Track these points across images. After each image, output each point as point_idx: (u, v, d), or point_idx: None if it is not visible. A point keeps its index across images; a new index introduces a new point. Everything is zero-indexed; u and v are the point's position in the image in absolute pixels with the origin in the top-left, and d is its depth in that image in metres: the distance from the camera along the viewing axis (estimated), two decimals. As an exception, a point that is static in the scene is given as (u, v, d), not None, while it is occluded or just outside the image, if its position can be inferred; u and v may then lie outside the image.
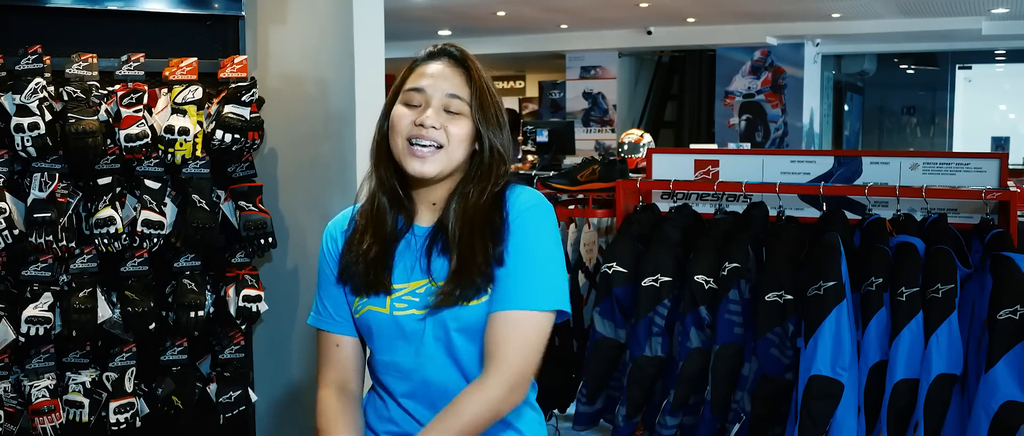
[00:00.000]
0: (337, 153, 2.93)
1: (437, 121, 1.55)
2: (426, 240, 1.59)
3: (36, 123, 2.41)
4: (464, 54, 1.60)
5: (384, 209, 1.61)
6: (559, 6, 9.14)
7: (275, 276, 3.03)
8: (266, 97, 2.84)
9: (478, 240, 1.54)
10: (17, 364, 2.57)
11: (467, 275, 1.52)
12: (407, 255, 1.59)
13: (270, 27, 3.04)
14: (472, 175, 1.59)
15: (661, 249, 3.10)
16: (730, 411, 2.96)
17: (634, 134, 6.04)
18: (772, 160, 3.43)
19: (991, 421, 2.56)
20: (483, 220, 1.56)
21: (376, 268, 1.57)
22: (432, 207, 1.62)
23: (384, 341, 1.59)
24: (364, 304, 1.59)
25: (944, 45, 11.35)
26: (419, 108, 1.56)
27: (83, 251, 2.57)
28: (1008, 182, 3.10)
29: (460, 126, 1.56)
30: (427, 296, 1.56)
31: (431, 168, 1.55)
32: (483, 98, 1.57)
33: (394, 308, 1.56)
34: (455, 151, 1.56)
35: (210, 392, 2.76)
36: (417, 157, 1.55)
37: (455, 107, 1.56)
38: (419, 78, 1.58)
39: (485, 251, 1.54)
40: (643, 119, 12.07)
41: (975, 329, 2.71)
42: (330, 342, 1.66)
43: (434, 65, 1.59)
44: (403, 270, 1.59)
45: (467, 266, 1.53)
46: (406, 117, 1.56)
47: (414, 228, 1.62)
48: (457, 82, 1.57)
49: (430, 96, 1.56)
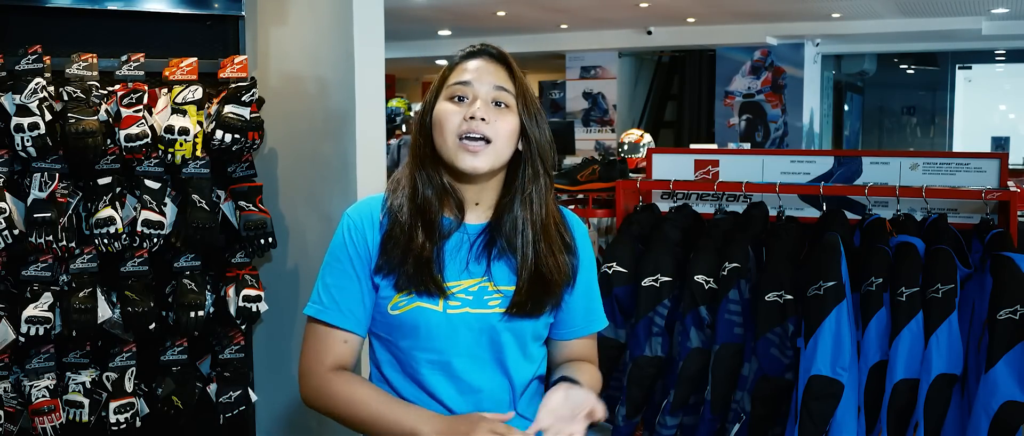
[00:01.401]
0: (337, 153, 2.93)
1: (487, 114, 1.52)
2: (481, 239, 1.58)
3: (36, 123, 2.41)
4: (503, 52, 1.60)
5: (433, 206, 1.57)
6: (559, 6, 9.14)
7: (275, 276, 3.03)
8: (266, 97, 2.84)
9: (559, 255, 1.59)
10: (17, 364, 2.57)
11: (547, 290, 1.57)
12: (459, 254, 1.57)
13: (270, 27, 3.04)
14: (525, 175, 1.58)
15: (661, 249, 3.10)
16: (730, 411, 2.96)
17: (634, 134, 6.04)
18: (772, 160, 3.43)
19: (991, 421, 2.56)
20: (557, 235, 1.60)
21: (429, 267, 1.53)
22: (475, 207, 1.60)
23: (432, 340, 1.55)
24: (411, 301, 1.54)
25: (944, 45, 11.35)
26: (467, 101, 1.54)
27: (83, 251, 2.57)
28: (1008, 182, 3.10)
29: (507, 121, 1.54)
30: (483, 296, 1.55)
31: (483, 163, 1.52)
32: (526, 94, 1.57)
33: (448, 307, 1.54)
34: (503, 146, 1.54)
35: (210, 392, 2.76)
36: (470, 152, 1.51)
37: (503, 99, 1.54)
38: (463, 73, 1.56)
39: (566, 267, 1.59)
40: (643, 119, 12.07)
41: (975, 329, 2.71)
42: (336, 338, 1.59)
43: (475, 61, 1.57)
44: (456, 268, 1.56)
45: (547, 282, 1.57)
46: (454, 113, 1.53)
47: (466, 226, 1.59)
48: (502, 76, 1.56)
49: (477, 89, 1.54)
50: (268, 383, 3.06)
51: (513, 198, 1.58)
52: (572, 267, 1.61)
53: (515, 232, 1.56)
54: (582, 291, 1.64)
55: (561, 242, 1.60)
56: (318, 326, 1.61)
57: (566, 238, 1.61)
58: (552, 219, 1.60)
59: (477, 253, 1.57)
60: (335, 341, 1.59)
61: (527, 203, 1.57)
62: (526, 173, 1.57)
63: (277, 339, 3.09)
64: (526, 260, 1.55)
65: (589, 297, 1.67)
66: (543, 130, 1.58)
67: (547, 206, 1.59)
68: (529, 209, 1.57)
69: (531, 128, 1.56)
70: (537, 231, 1.56)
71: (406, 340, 1.57)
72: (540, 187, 1.58)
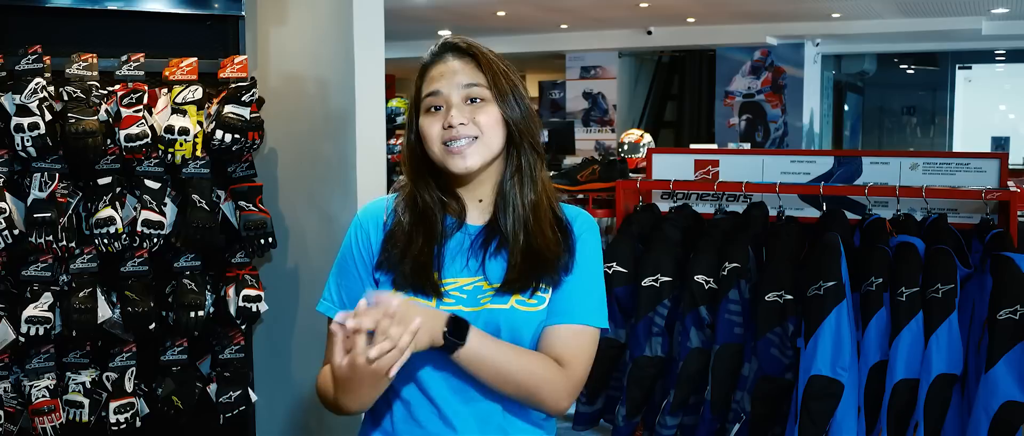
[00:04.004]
0: (337, 153, 2.93)
1: (463, 116, 1.53)
2: (480, 238, 1.59)
3: (36, 123, 2.41)
4: (468, 43, 1.59)
5: (432, 209, 1.59)
6: (559, 6, 9.14)
7: (275, 276, 3.03)
8: (266, 97, 2.84)
9: (550, 232, 1.57)
10: (17, 364, 2.57)
11: (540, 264, 1.54)
12: (461, 254, 1.58)
13: (270, 27, 3.04)
14: (511, 160, 1.59)
15: (661, 249, 3.10)
16: (730, 411, 2.96)
17: (634, 134, 6.03)
18: (772, 160, 3.43)
19: (991, 421, 2.56)
20: (550, 215, 1.59)
21: (425, 269, 1.55)
22: (478, 204, 1.61)
23: None
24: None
25: (944, 45, 11.35)
26: (442, 111, 1.55)
27: (83, 251, 2.57)
28: (1008, 182, 3.10)
29: (487, 113, 1.55)
30: (477, 294, 1.55)
31: (474, 160, 1.54)
32: (498, 79, 1.57)
33: (441, 304, 1.54)
34: (491, 138, 1.55)
35: (210, 392, 2.76)
36: (457, 154, 1.53)
37: (475, 94, 1.55)
38: (432, 82, 1.57)
39: (558, 244, 1.57)
40: (643, 119, 12.07)
41: (975, 329, 2.71)
42: None
43: (442, 64, 1.58)
44: (456, 267, 1.57)
45: (539, 256, 1.55)
46: (434, 125, 1.55)
47: (466, 227, 1.60)
48: (470, 71, 1.56)
49: (448, 95, 1.55)
50: (268, 383, 3.06)
51: (503, 185, 1.59)
52: (567, 246, 1.58)
53: (508, 221, 1.57)
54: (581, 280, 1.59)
55: (552, 218, 1.59)
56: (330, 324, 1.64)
57: (559, 214, 1.61)
58: (544, 196, 1.60)
59: (476, 252, 1.58)
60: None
61: (519, 185, 1.58)
62: (512, 155, 1.59)
63: (277, 339, 3.09)
64: (517, 240, 1.56)
65: (589, 290, 1.60)
66: (522, 109, 1.58)
67: (540, 186, 1.59)
68: (522, 191, 1.58)
69: (508, 112, 1.57)
70: (530, 212, 1.57)
71: None
72: (529, 162, 1.59)
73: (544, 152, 1.64)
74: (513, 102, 1.58)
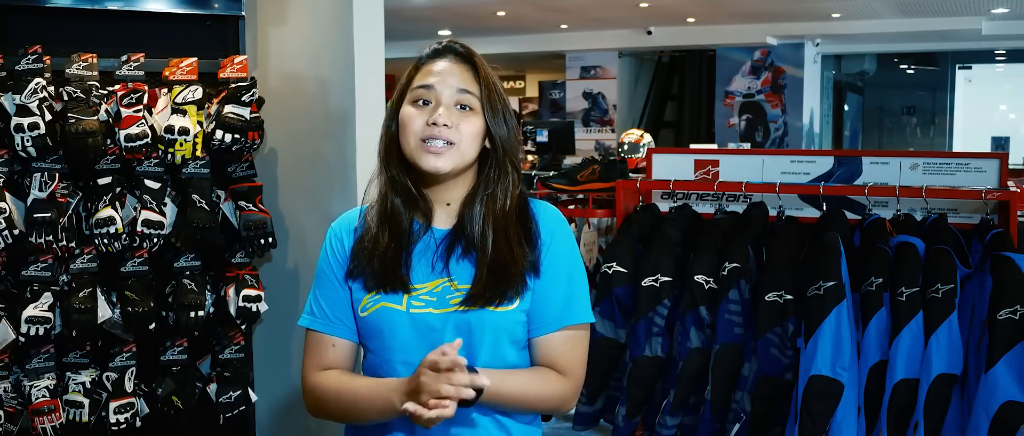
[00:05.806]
0: (337, 152, 2.93)
1: (449, 118, 1.53)
2: (445, 242, 1.58)
3: (36, 123, 2.41)
4: (470, 51, 1.59)
5: (399, 210, 1.59)
6: (559, 6, 9.14)
7: (275, 276, 3.03)
8: (266, 97, 2.84)
9: (517, 247, 1.55)
10: (17, 364, 2.57)
11: (504, 279, 1.53)
12: (425, 257, 1.58)
13: (270, 27, 3.04)
14: (490, 176, 1.59)
15: (661, 249, 3.10)
16: (730, 411, 2.96)
17: (634, 134, 6.03)
18: (772, 160, 3.43)
19: (991, 421, 2.56)
20: (517, 227, 1.58)
21: (393, 265, 1.55)
22: (447, 208, 1.61)
23: (396, 340, 1.56)
24: (376, 301, 1.56)
25: (944, 45, 11.35)
26: (430, 106, 1.55)
27: (83, 251, 2.57)
28: (1008, 182, 3.10)
29: (472, 123, 1.55)
30: (445, 295, 1.54)
31: (446, 163, 1.54)
32: (491, 94, 1.57)
33: (411, 306, 1.54)
34: (467, 148, 1.55)
35: (210, 392, 2.76)
36: (432, 153, 1.53)
37: (466, 101, 1.55)
38: (427, 76, 1.56)
39: (523, 258, 1.55)
40: (643, 119, 12.06)
41: (975, 329, 2.71)
42: (325, 342, 1.62)
43: (441, 62, 1.57)
44: (422, 271, 1.57)
45: (504, 271, 1.54)
46: (417, 117, 1.55)
47: (433, 230, 1.60)
48: (466, 78, 1.56)
49: (440, 93, 1.55)
50: (268, 383, 3.06)
51: (475, 195, 1.59)
52: (534, 257, 1.57)
53: (474, 229, 1.57)
54: (558, 282, 1.58)
55: (520, 233, 1.58)
56: (310, 334, 1.65)
57: (529, 227, 1.59)
58: (513, 214, 1.59)
59: (442, 255, 1.57)
60: (324, 346, 1.63)
61: (491, 200, 1.58)
62: (492, 172, 1.59)
63: (277, 339, 3.09)
64: (485, 254, 1.55)
65: (568, 288, 1.58)
66: (509, 128, 1.58)
67: (511, 201, 1.59)
68: (491, 206, 1.57)
69: (496, 128, 1.57)
70: (498, 226, 1.56)
71: (374, 342, 1.59)
72: (506, 185, 1.59)
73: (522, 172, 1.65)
74: (503, 121, 1.58)
